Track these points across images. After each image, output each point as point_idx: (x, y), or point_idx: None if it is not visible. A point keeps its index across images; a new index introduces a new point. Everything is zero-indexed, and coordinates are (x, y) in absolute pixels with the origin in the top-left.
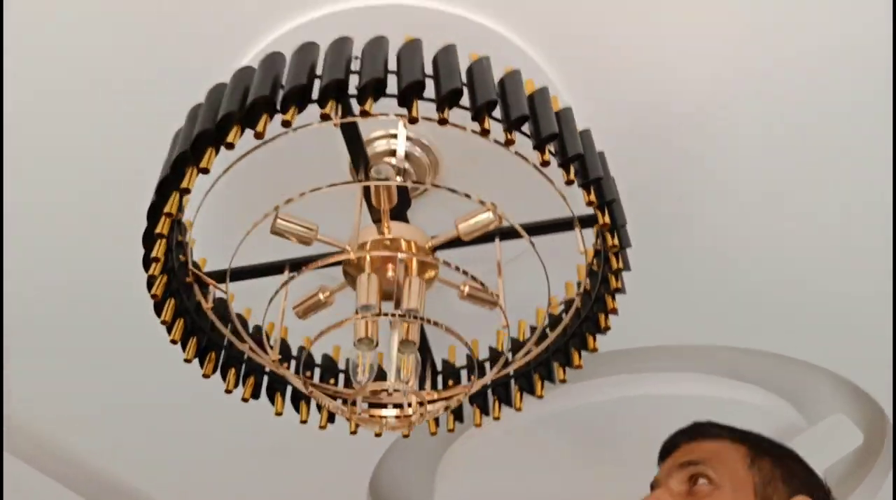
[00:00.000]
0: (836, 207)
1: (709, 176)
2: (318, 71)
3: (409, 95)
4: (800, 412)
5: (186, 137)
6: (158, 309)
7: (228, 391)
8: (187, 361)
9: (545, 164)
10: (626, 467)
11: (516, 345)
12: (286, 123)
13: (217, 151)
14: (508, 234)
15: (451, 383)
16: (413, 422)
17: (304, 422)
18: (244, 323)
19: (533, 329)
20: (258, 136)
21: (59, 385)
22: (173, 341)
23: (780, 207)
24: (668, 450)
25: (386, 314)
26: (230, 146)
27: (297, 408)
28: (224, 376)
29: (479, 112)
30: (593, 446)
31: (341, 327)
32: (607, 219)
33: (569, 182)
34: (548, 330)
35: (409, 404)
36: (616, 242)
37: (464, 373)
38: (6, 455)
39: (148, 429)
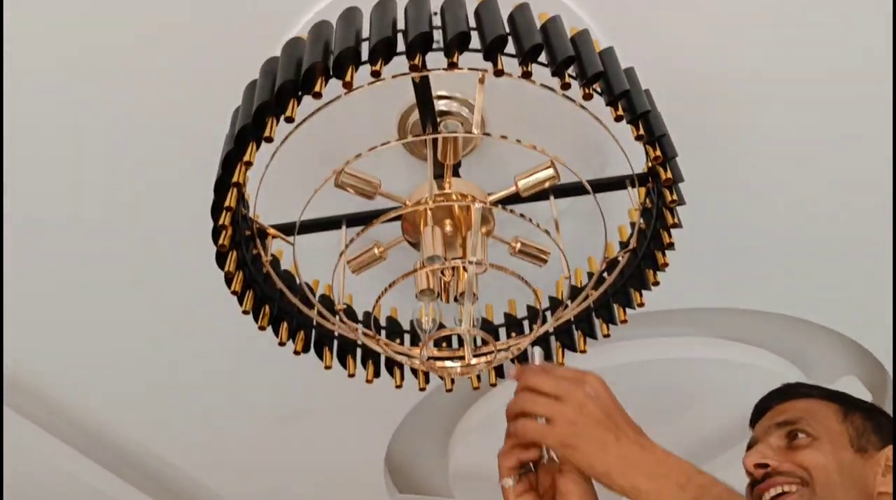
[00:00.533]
0: (852, 173)
1: (731, 140)
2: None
3: (494, 48)
4: (806, 375)
5: (267, 88)
6: (222, 260)
7: (282, 343)
8: (245, 312)
9: (619, 119)
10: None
11: (574, 291)
12: (375, 73)
13: (299, 102)
14: (559, 191)
15: (513, 334)
16: (480, 370)
17: (352, 375)
18: (294, 280)
19: (589, 276)
20: (347, 86)
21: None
22: (234, 293)
23: (799, 172)
24: (760, 412)
25: (456, 263)
26: (318, 96)
27: (343, 363)
28: (276, 331)
29: (560, 69)
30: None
31: (408, 277)
32: (669, 174)
33: (639, 138)
34: (605, 274)
35: (471, 354)
36: (675, 197)
37: (524, 325)
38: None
39: (170, 391)
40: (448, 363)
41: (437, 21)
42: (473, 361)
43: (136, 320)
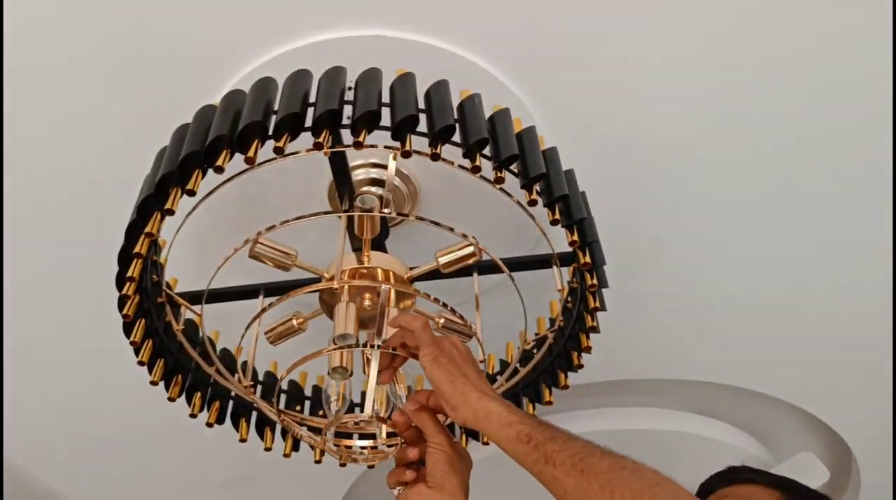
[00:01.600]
0: (802, 241)
1: (676, 210)
2: (311, 99)
3: (403, 128)
4: (766, 448)
5: (173, 157)
6: (128, 329)
7: (193, 416)
8: (153, 383)
9: (532, 203)
10: None
11: (490, 379)
12: (278, 150)
13: (204, 174)
14: (485, 268)
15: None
16: (385, 454)
17: (268, 449)
18: (213, 346)
19: (505, 364)
20: (249, 161)
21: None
22: (141, 363)
23: (747, 241)
24: (703, 494)
25: (364, 346)
26: (219, 170)
27: (261, 435)
28: (189, 401)
29: (472, 150)
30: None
31: (318, 357)
32: (588, 259)
33: (554, 222)
34: (518, 366)
35: (378, 436)
36: (595, 281)
37: None
38: None
39: (112, 459)
40: (356, 442)
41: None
42: (383, 448)
43: (63, 371)
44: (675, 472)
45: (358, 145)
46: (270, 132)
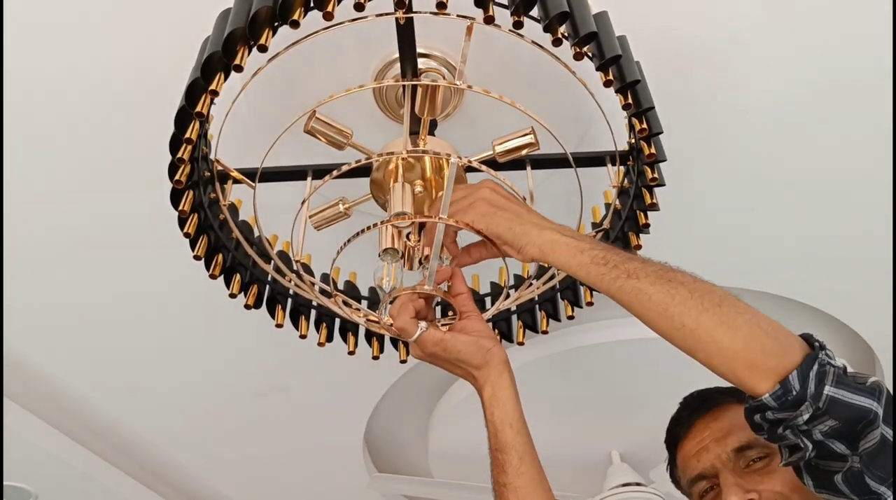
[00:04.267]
0: (845, 141)
1: (720, 105)
2: None
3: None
4: None
5: (240, 15)
6: (176, 199)
7: (233, 295)
8: (197, 258)
9: (608, 84)
10: (617, 410)
11: (540, 271)
12: (359, 6)
13: (274, 32)
14: (535, 163)
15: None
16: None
17: (303, 336)
18: (251, 231)
19: None
20: (327, 16)
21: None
22: (186, 235)
23: (789, 139)
24: (687, 427)
25: (425, 220)
26: (295, 24)
27: (295, 323)
28: (228, 282)
29: (553, 23)
30: (584, 389)
31: (372, 231)
32: (644, 125)
33: (607, 83)
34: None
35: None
36: (653, 150)
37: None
38: None
39: (148, 369)
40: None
41: None
42: (433, 323)
43: (108, 299)
44: (697, 373)
45: (441, 7)
46: None
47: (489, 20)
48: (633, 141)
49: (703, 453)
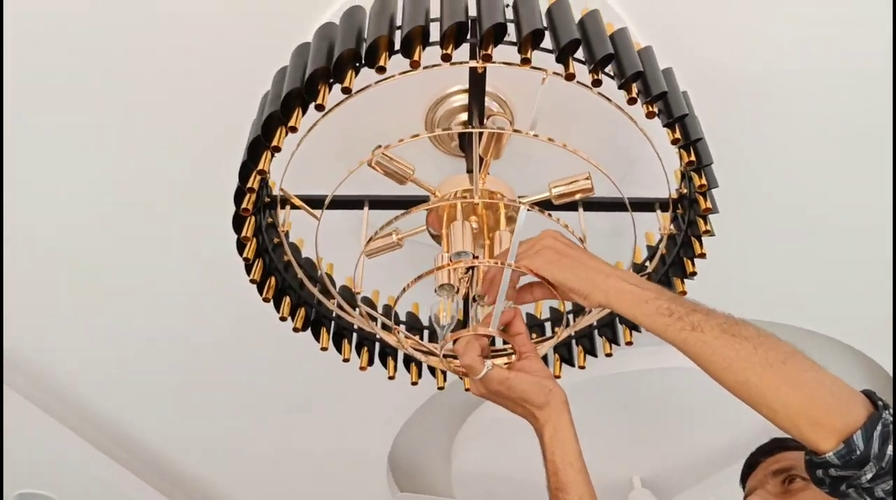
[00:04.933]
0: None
1: (764, 138)
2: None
3: (566, 52)
4: None
5: (297, 74)
6: (238, 225)
7: (283, 319)
8: (253, 282)
9: (632, 102)
10: (639, 436)
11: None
12: (447, 57)
13: (330, 89)
14: (585, 204)
15: (534, 335)
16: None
17: (346, 360)
18: (332, 282)
19: None
20: (414, 64)
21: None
22: (245, 259)
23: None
24: (751, 466)
25: (494, 265)
26: (378, 66)
27: (338, 346)
28: (278, 306)
29: (596, 66)
30: (615, 415)
31: (431, 274)
32: (693, 156)
33: (649, 114)
34: (647, 264)
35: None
36: (709, 204)
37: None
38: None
39: (175, 387)
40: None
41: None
42: (495, 362)
43: (141, 306)
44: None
45: (525, 62)
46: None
47: (570, 77)
48: (684, 190)
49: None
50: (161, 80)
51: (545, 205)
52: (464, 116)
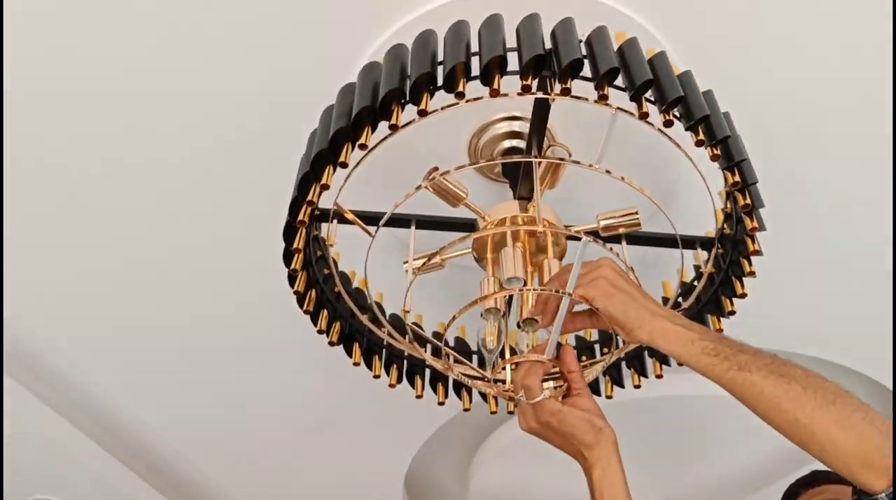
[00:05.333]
0: None
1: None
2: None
3: (641, 92)
4: None
5: (345, 113)
6: (289, 241)
7: (321, 331)
8: (307, 312)
9: (668, 124)
10: (656, 463)
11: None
12: (527, 88)
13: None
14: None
15: (584, 358)
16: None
17: (377, 377)
18: (381, 310)
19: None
20: (495, 93)
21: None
22: (296, 293)
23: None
24: (790, 497)
25: (553, 293)
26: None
27: (368, 363)
28: (315, 320)
29: (667, 107)
30: (630, 442)
31: (484, 300)
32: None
33: (699, 143)
34: (680, 299)
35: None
36: (757, 247)
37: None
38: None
39: (196, 397)
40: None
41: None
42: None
43: (171, 318)
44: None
45: (602, 98)
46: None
47: (644, 116)
48: (727, 231)
49: None
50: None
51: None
52: (506, 143)
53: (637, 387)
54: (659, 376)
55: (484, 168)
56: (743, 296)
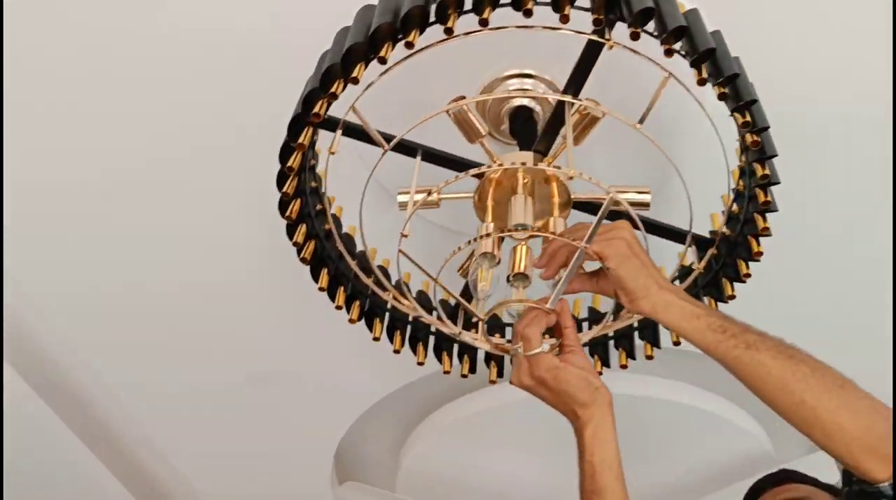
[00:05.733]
0: None
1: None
2: None
3: (704, 59)
4: (771, 438)
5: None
6: (282, 180)
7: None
8: (304, 261)
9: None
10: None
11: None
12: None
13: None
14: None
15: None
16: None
17: (376, 339)
18: (386, 275)
19: None
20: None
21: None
22: (288, 218)
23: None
24: (755, 492)
25: (568, 242)
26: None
27: (370, 325)
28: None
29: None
30: (564, 435)
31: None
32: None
33: (721, 95)
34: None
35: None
36: (767, 171)
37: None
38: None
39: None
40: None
41: None
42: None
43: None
44: (671, 441)
45: (669, 52)
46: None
47: (703, 82)
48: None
49: None
50: None
51: (593, 208)
52: (516, 102)
53: (623, 367)
54: (623, 367)
55: (491, 127)
56: (742, 281)
